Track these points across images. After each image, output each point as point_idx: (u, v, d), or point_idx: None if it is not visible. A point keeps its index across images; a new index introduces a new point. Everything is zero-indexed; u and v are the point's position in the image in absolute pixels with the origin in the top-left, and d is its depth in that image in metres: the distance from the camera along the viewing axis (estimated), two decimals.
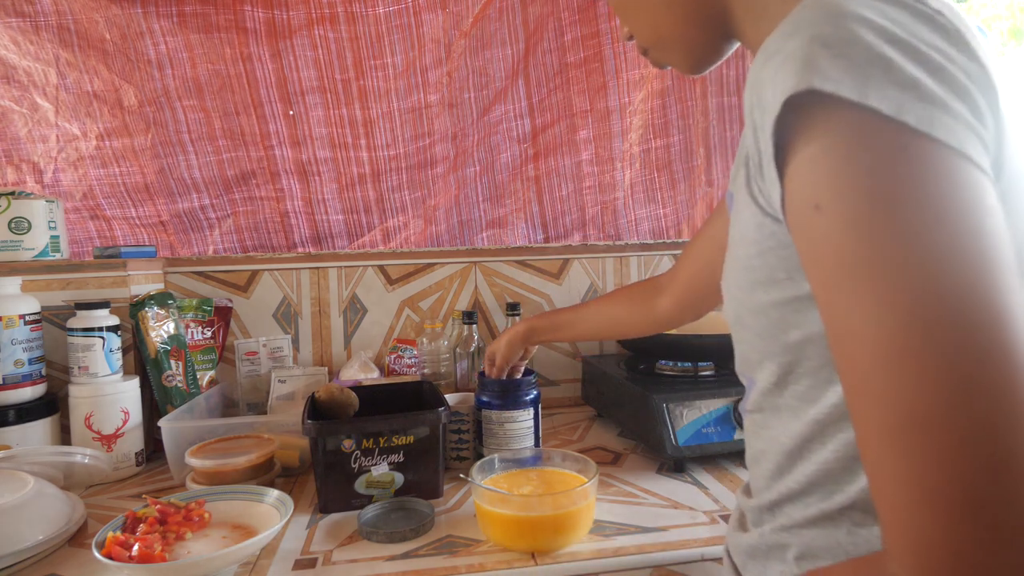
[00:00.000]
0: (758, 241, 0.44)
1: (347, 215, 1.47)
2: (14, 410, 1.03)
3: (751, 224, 0.45)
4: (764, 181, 0.41)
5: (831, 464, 0.45)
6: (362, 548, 0.79)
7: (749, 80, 0.41)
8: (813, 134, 0.35)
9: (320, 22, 1.39)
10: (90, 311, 1.06)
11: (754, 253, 0.45)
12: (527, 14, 1.48)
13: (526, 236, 1.56)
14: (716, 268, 0.65)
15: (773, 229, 0.43)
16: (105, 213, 1.38)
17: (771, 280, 0.44)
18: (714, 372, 1.15)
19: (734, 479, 0.97)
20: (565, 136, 1.54)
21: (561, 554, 0.76)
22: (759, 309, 0.46)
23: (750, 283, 0.47)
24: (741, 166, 0.46)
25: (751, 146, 0.41)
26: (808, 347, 0.44)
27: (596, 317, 0.98)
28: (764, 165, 0.40)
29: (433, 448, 0.92)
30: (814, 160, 0.36)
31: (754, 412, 0.53)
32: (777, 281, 0.44)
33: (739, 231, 0.48)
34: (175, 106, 1.37)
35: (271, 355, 1.33)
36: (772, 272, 0.44)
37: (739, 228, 0.48)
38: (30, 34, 1.29)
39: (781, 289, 0.44)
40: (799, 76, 0.35)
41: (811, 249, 0.37)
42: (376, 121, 1.44)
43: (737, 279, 0.48)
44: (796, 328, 0.44)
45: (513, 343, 1.02)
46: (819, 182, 0.35)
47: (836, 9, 0.35)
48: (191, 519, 0.80)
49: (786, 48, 0.37)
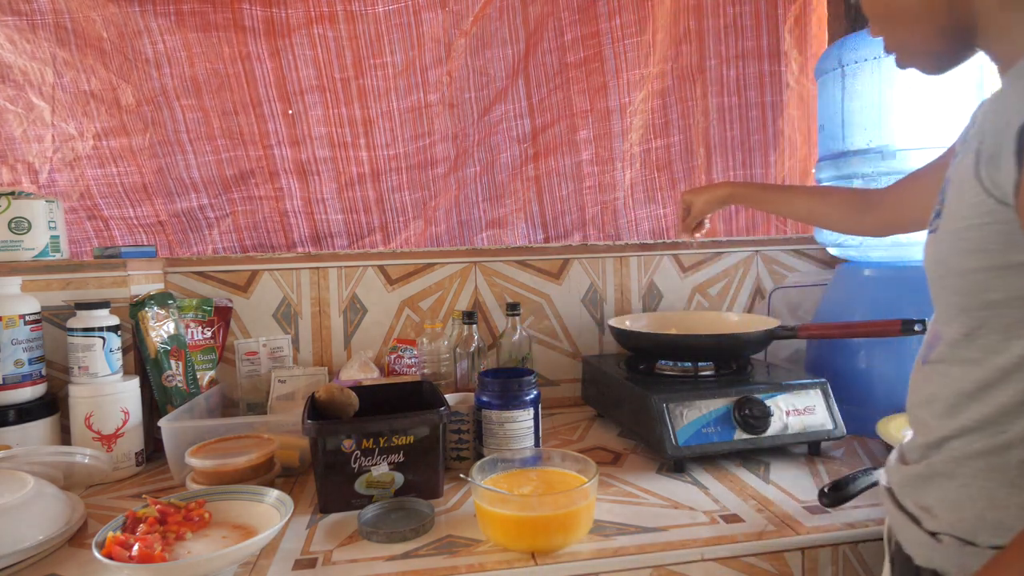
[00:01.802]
0: (976, 216, 0.53)
1: (346, 215, 1.47)
2: (14, 410, 1.03)
3: (971, 202, 0.53)
4: (998, 170, 0.50)
5: (1006, 406, 0.53)
6: (362, 548, 0.79)
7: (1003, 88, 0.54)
8: None
9: (319, 21, 1.39)
10: (90, 311, 1.06)
11: (971, 226, 0.53)
12: (527, 13, 1.48)
13: (526, 236, 1.56)
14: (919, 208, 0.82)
15: (992, 208, 0.51)
16: (103, 213, 1.38)
17: (982, 249, 0.53)
18: (714, 372, 1.15)
19: (734, 479, 0.97)
20: (565, 136, 1.54)
21: (561, 554, 0.76)
22: (965, 272, 0.55)
23: (961, 251, 0.55)
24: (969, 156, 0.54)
25: (991, 140, 0.50)
26: (1004, 307, 0.53)
27: (807, 205, 1.05)
28: (1003, 157, 0.49)
29: (433, 448, 0.92)
30: None
31: (937, 362, 0.61)
32: (988, 251, 0.53)
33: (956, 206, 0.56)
34: (173, 105, 1.37)
35: (271, 355, 1.33)
36: (984, 243, 0.53)
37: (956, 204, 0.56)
38: (27, 32, 1.29)
39: (990, 257, 0.53)
40: None
41: None
42: (376, 120, 1.44)
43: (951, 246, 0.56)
44: (997, 290, 0.53)
45: (712, 202, 1.11)
46: None
47: None
48: (191, 519, 0.80)
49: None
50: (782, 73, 1.58)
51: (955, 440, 0.57)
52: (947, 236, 0.57)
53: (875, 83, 1.16)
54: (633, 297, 1.48)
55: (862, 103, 1.18)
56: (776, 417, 1.02)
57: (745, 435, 1.00)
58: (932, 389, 0.60)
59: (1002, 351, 0.54)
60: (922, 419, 0.62)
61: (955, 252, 0.56)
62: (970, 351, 0.56)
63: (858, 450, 1.08)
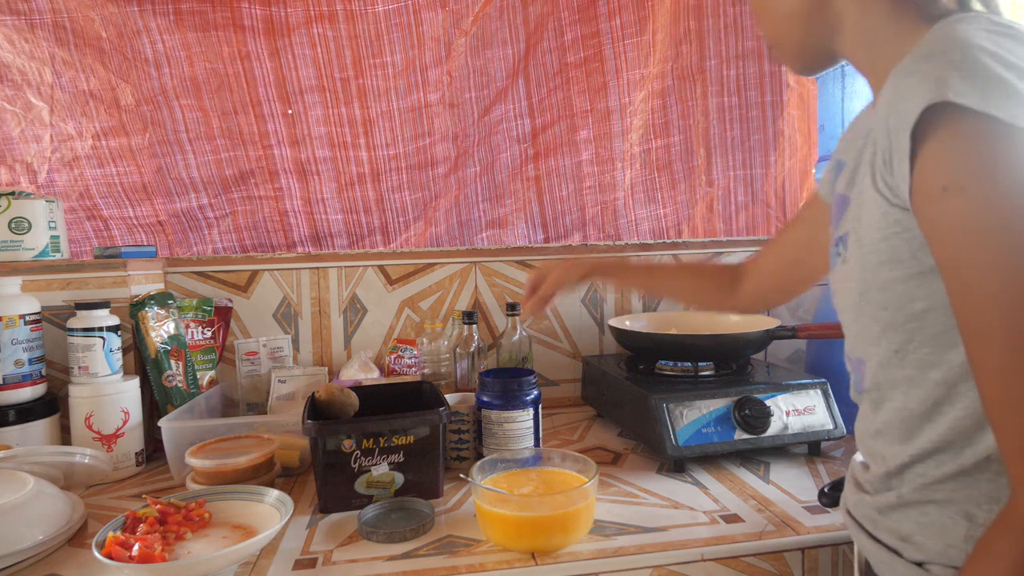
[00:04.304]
0: (883, 227, 0.53)
1: (346, 215, 1.47)
2: (14, 410, 1.03)
3: (876, 215, 0.53)
4: (893, 176, 0.50)
5: (963, 421, 0.51)
6: (362, 548, 0.79)
7: (885, 92, 0.51)
8: (942, 135, 0.46)
9: (319, 20, 1.39)
10: (90, 311, 1.06)
11: (879, 238, 0.53)
12: (527, 13, 1.47)
13: (526, 236, 1.56)
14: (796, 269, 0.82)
15: (898, 216, 0.51)
16: (102, 213, 1.38)
17: (896, 259, 0.53)
18: (714, 372, 1.15)
19: (734, 479, 0.97)
20: (565, 136, 1.54)
21: (561, 554, 0.76)
22: (885, 285, 0.54)
23: (876, 263, 0.54)
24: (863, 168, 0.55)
25: (881, 146, 0.51)
26: (930, 315, 0.52)
27: (675, 282, 0.98)
28: (895, 162, 0.49)
29: (433, 448, 0.92)
30: (942, 154, 0.46)
31: (872, 390, 0.60)
32: (901, 260, 0.52)
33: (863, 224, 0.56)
34: (173, 105, 1.37)
35: (271, 355, 1.33)
36: (896, 252, 0.52)
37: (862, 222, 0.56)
38: (25, 32, 1.29)
39: (906, 266, 0.52)
40: (936, 90, 0.45)
41: (937, 223, 0.47)
42: (375, 120, 1.44)
43: (864, 263, 0.56)
44: (920, 299, 0.52)
45: (570, 275, 0.93)
46: (947, 171, 0.46)
47: (964, 40, 0.46)
48: (191, 519, 0.80)
49: (923, 68, 0.47)
50: (782, 73, 1.58)
51: (917, 465, 0.55)
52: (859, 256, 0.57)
53: None
54: (633, 297, 1.48)
55: (862, 103, 1.18)
56: (776, 417, 1.02)
57: (745, 435, 1.00)
58: (880, 418, 0.59)
59: (937, 363, 0.52)
60: (875, 450, 0.60)
61: (871, 267, 0.55)
62: (904, 368, 0.55)
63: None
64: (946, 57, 0.46)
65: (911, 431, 0.55)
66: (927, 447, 0.54)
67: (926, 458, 0.54)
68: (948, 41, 0.48)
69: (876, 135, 0.52)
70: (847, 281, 0.60)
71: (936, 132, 0.46)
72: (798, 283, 0.85)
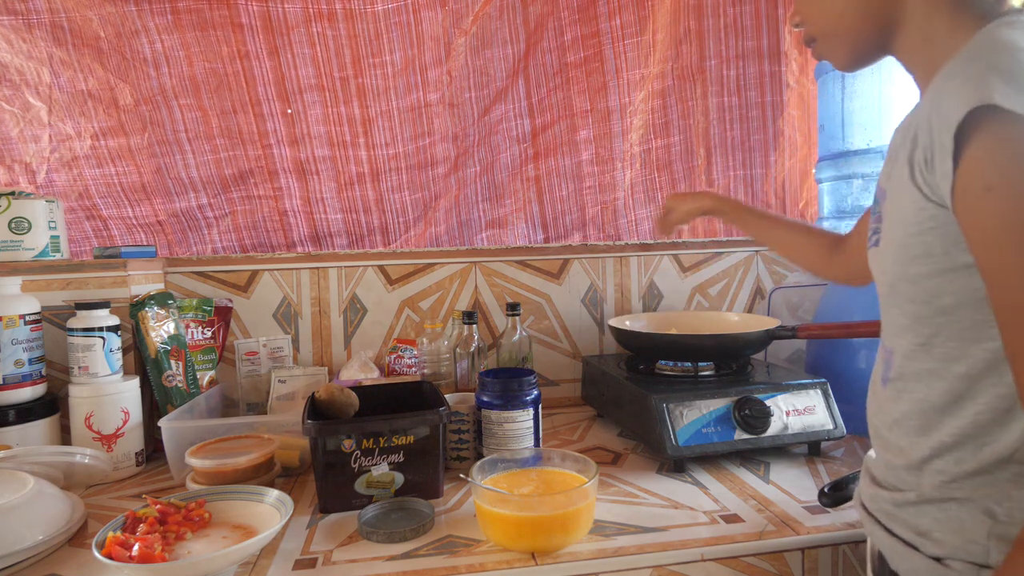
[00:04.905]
0: (918, 223, 0.53)
1: (346, 214, 1.47)
2: (14, 410, 1.03)
3: (911, 209, 0.54)
4: (934, 174, 0.50)
5: (982, 417, 0.52)
6: (362, 548, 0.79)
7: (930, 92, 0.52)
8: (986, 137, 0.46)
9: (318, 18, 1.39)
10: (90, 311, 1.06)
11: (913, 232, 0.54)
12: (527, 13, 1.47)
13: (526, 236, 1.56)
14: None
15: (934, 213, 0.52)
16: (102, 213, 1.38)
17: (927, 254, 0.54)
18: (714, 372, 1.15)
19: (734, 479, 0.97)
20: (565, 136, 1.54)
21: (561, 554, 0.76)
22: (915, 279, 0.55)
23: (908, 258, 0.55)
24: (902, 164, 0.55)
25: (923, 144, 0.51)
26: (958, 310, 0.53)
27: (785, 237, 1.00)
28: (937, 160, 0.50)
29: (433, 448, 0.92)
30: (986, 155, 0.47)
31: (896, 380, 0.60)
32: (933, 255, 0.53)
33: (896, 216, 0.57)
34: (172, 105, 1.37)
35: (271, 355, 1.33)
36: (929, 248, 0.53)
37: (896, 214, 0.57)
38: (22, 32, 1.28)
39: (937, 261, 0.53)
40: (981, 93, 0.46)
41: (979, 221, 0.48)
42: (375, 120, 1.44)
43: (895, 254, 0.57)
44: (949, 295, 0.53)
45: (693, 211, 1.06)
46: (990, 171, 0.47)
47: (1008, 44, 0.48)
48: (191, 519, 0.80)
49: (967, 71, 0.49)
50: (782, 73, 1.58)
51: (937, 460, 0.55)
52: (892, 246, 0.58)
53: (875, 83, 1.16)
54: (633, 297, 1.48)
55: (862, 103, 1.18)
56: (776, 417, 1.02)
57: (745, 435, 1.00)
58: (900, 408, 0.59)
59: (961, 358, 0.53)
60: (893, 441, 0.61)
61: (902, 260, 0.56)
62: (928, 362, 0.56)
63: (858, 450, 1.08)
64: (990, 60, 0.48)
65: (931, 424, 0.56)
66: (947, 441, 0.54)
67: (945, 453, 0.55)
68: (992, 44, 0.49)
69: (918, 132, 0.53)
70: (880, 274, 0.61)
71: (980, 133, 0.47)
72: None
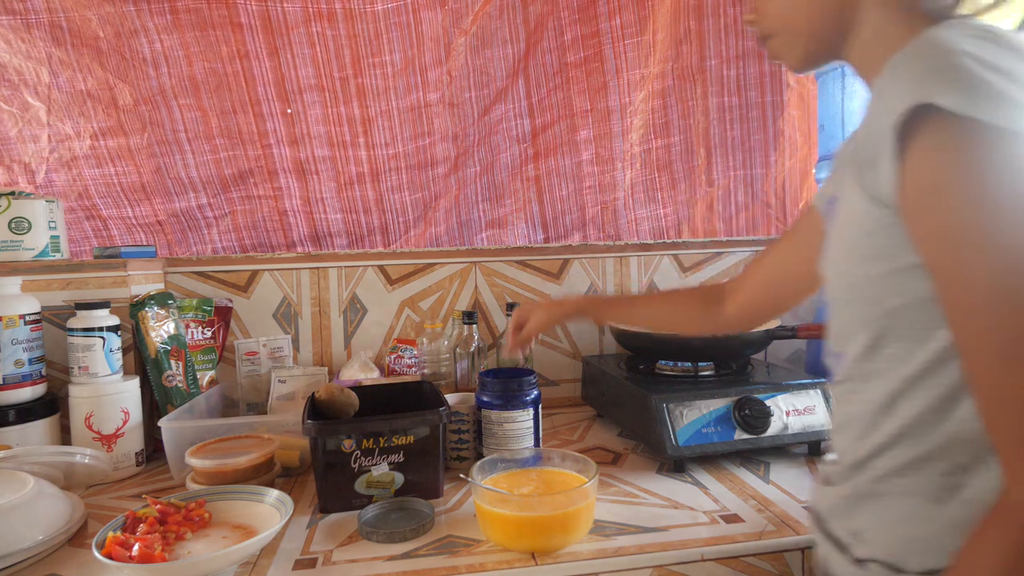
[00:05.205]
0: (864, 224, 0.54)
1: (346, 214, 1.47)
2: (14, 410, 1.03)
3: (858, 211, 0.54)
4: (877, 174, 0.50)
5: (916, 416, 0.52)
6: (362, 548, 0.79)
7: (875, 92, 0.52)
8: (926, 137, 0.47)
9: (317, 18, 1.39)
10: (90, 311, 1.06)
11: (861, 233, 0.54)
12: (527, 13, 1.47)
13: (526, 236, 1.56)
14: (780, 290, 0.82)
15: (880, 214, 0.52)
16: (101, 213, 1.38)
17: (875, 255, 0.53)
18: (714, 372, 1.15)
19: (734, 479, 0.97)
20: (565, 136, 1.54)
21: (561, 554, 0.76)
22: (864, 280, 0.55)
23: (857, 258, 0.55)
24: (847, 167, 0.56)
25: (867, 145, 0.52)
26: (905, 312, 0.52)
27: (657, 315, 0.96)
28: (881, 160, 0.49)
29: (433, 448, 0.92)
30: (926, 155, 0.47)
31: (844, 382, 0.60)
32: (880, 256, 0.53)
33: (845, 219, 0.57)
34: (171, 105, 1.36)
35: (271, 355, 1.33)
36: (877, 249, 0.53)
37: (845, 216, 0.57)
38: (21, 32, 1.28)
39: (884, 262, 0.53)
40: (919, 93, 0.46)
41: (927, 221, 0.48)
42: (375, 120, 1.44)
43: (845, 256, 0.57)
44: (896, 295, 0.53)
45: (553, 318, 0.96)
46: (931, 172, 0.47)
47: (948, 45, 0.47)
48: (191, 519, 0.80)
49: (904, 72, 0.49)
50: (782, 73, 1.58)
51: (875, 459, 0.55)
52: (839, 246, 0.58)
53: None
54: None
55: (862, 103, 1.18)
56: (776, 417, 1.02)
57: (745, 435, 1.00)
58: (847, 411, 0.60)
59: (907, 360, 0.53)
60: (841, 442, 0.61)
61: (853, 260, 0.56)
62: (874, 363, 0.55)
63: None
64: (928, 61, 0.48)
65: (872, 424, 0.56)
66: (884, 440, 0.55)
67: (883, 451, 0.55)
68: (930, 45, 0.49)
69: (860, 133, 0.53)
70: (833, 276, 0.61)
71: (921, 134, 0.47)
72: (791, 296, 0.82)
